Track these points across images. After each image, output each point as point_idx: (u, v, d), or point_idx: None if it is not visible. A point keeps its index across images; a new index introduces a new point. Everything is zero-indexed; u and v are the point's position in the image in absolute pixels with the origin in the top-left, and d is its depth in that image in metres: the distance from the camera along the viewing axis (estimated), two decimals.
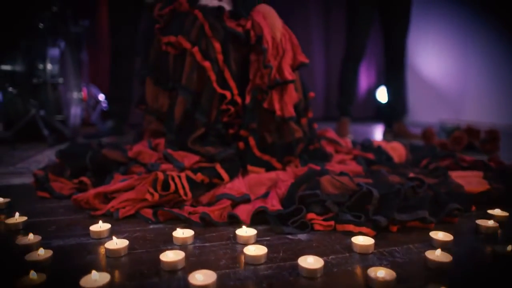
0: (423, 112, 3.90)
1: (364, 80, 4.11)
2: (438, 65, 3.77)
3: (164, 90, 1.17)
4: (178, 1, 1.16)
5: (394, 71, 2.46)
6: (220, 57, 1.03)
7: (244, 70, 1.09)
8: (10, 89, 1.83)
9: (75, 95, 2.52)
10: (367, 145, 1.47)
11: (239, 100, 1.06)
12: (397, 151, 1.40)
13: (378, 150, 1.37)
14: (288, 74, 1.06)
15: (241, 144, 1.06)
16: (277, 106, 1.05)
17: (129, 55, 2.40)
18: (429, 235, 0.74)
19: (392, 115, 2.51)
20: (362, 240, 0.70)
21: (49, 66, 2.04)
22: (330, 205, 0.83)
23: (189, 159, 0.98)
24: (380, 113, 4.00)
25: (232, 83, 1.05)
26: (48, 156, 1.75)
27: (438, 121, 3.84)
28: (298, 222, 0.80)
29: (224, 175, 0.95)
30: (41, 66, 2.02)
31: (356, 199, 0.84)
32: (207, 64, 1.02)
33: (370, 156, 1.31)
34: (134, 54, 2.43)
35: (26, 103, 1.97)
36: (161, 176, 0.88)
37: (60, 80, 2.04)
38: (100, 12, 3.17)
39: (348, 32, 2.43)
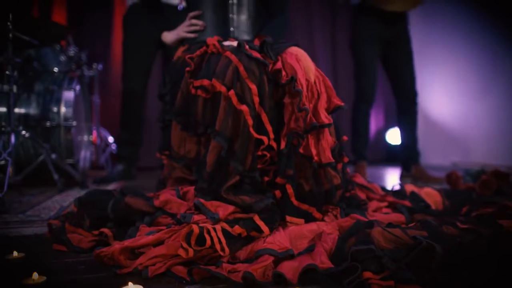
0: (433, 155, 3.84)
1: (373, 122, 4.10)
2: (447, 106, 3.76)
3: (192, 135, 1.11)
4: (208, 43, 1.14)
5: (407, 113, 2.44)
6: (256, 99, 0.99)
7: (278, 114, 1.04)
8: (23, 132, 1.78)
9: (85, 138, 2.48)
10: (399, 191, 1.39)
11: (274, 145, 1.01)
12: (432, 197, 1.32)
13: (413, 196, 1.29)
14: (325, 117, 1.02)
15: (277, 193, 0.98)
16: (314, 152, 0.99)
17: (140, 99, 2.39)
18: None
19: (410, 158, 2.46)
20: None
21: (63, 109, 2.01)
22: (388, 262, 0.74)
23: (224, 209, 0.90)
24: (391, 156, 3.95)
25: (268, 127, 0.99)
26: (58, 202, 1.66)
27: (450, 164, 3.78)
28: (355, 282, 0.71)
29: (264, 227, 0.87)
30: (55, 109, 1.99)
31: (415, 254, 0.76)
32: (244, 108, 0.97)
33: (407, 203, 1.24)
34: (145, 98, 2.42)
35: (37, 146, 1.92)
36: (196, 229, 0.79)
37: (74, 123, 2.01)
38: (113, 55, 3.21)
39: (356, 76, 2.44)
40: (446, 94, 3.73)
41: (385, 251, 0.77)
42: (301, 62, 1.05)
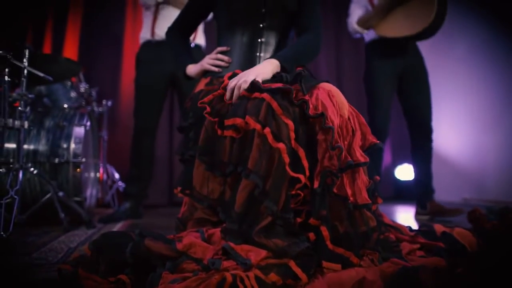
0: (443, 191, 3.75)
1: None
2: (456, 141, 3.72)
3: (219, 176, 1.06)
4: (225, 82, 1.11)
5: (422, 149, 2.39)
6: (292, 135, 0.94)
7: (310, 152, 0.99)
8: (32, 169, 1.72)
9: (92, 174, 2.42)
10: (429, 231, 1.32)
11: (308, 183, 0.95)
12: (465, 237, 1.24)
13: (447, 237, 1.22)
14: (360, 155, 0.97)
15: (311, 235, 0.91)
16: (349, 192, 0.93)
17: (152, 136, 2.36)
18: None
19: (425, 194, 2.38)
20: None
21: (72, 146, 1.97)
22: None
23: (256, 254, 0.83)
24: (400, 193, 3.87)
25: (305, 163, 0.94)
26: (65, 243, 1.58)
27: (461, 200, 3.69)
28: None
29: (301, 275, 0.79)
30: (64, 145, 1.95)
31: None
32: (281, 145, 0.92)
33: (441, 245, 1.16)
34: (156, 134, 2.38)
35: (44, 183, 1.86)
36: (229, 277, 0.72)
37: (83, 159, 1.96)
38: (122, 92, 3.22)
39: (369, 111, 2.42)
40: (454, 129, 3.70)
41: None
42: (334, 98, 1.01)
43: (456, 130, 3.70)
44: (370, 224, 0.94)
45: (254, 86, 1.03)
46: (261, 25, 1.34)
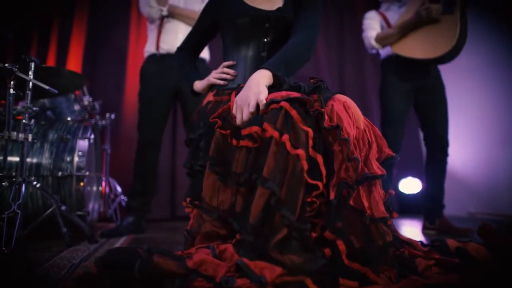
0: (447, 204, 3.71)
1: None
2: (461, 154, 3.69)
3: (233, 185, 1.04)
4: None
5: (437, 162, 2.36)
6: (311, 142, 0.93)
7: (325, 162, 0.97)
8: (35, 182, 1.70)
9: (94, 188, 2.39)
10: (442, 246, 1.28)
11: (325, 192, 0.93)
12: (480, 253, 1.21)
13: (462, 253, 1.18)
14: (377, 168, 0.95)
15: (327, 251, 0.88)
16: (365, 204, 0.91)
17: (156, 149, 2.33)
18: None
19: (435, 209, 2.35)
20: None
21: (76, 159, 1.94)
22: None
23: (271, 271, 0.80)
24: (404, 207, 3.83)
25: (323, 170, 0.92)
26: (67, 259, 1.53)
27: (466, 214, 3.65)
28: None
29: None
30: (68, 158, 1.93)
31: None
32: (300, 152, 0.90)
33: (456, 261, 1.12)
34: (160, 148, 2.36)
35: (47, 197, 1.82)
36: None
37: (86, 173, 1.93)
38: (125, 105, 3.21)
39: (382, 126, 2.39)
40: (458, 141, 3.67)
41: None
42: (350, 109, 1.00)
43: (459, 142, 3.67)
44: (387, 239, 0.91)
45: (266, 105, 1.02)
46: (265, 40, 1.36)
